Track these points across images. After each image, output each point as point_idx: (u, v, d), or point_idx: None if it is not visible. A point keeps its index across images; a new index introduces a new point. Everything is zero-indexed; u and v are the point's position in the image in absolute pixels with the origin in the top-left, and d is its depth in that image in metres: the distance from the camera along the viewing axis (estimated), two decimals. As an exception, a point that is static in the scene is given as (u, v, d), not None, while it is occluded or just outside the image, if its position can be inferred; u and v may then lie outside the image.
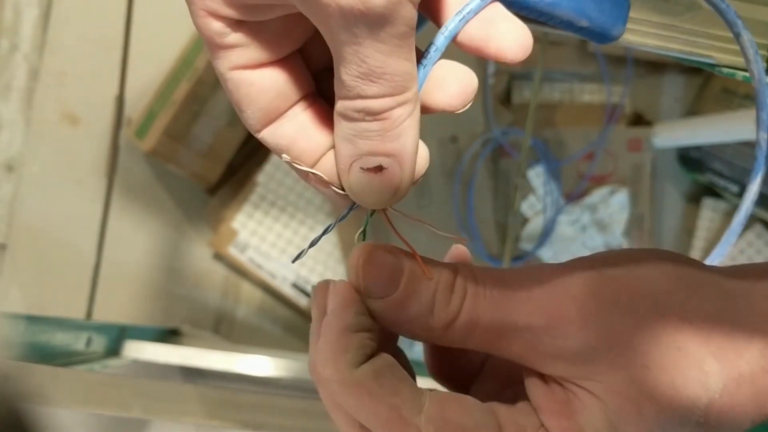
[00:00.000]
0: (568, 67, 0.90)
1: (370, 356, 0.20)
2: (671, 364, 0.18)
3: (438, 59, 0.21)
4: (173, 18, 0.88)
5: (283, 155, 0.21)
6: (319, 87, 0.23)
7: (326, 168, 0.21)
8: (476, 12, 0.21)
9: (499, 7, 0.21)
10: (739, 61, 0.27)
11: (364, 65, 0.18)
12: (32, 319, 0.51)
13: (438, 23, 0.22)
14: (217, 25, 0.19)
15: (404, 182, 0.20)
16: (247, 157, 0.89)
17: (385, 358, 0.21)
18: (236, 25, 0.20)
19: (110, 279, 0.87)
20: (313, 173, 0.21)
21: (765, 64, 0.27)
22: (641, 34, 0.26)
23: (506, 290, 0.20)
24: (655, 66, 0.92)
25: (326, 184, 0.22)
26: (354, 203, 0.21)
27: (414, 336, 0.21)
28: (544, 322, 0.19)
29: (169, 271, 0.89)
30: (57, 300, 0.87)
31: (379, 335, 0.21)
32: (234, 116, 0.84)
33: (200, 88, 0.81)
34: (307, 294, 0.85)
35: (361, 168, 0.20)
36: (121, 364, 0.63)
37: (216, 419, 0.44)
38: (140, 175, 0.89)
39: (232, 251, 0.85)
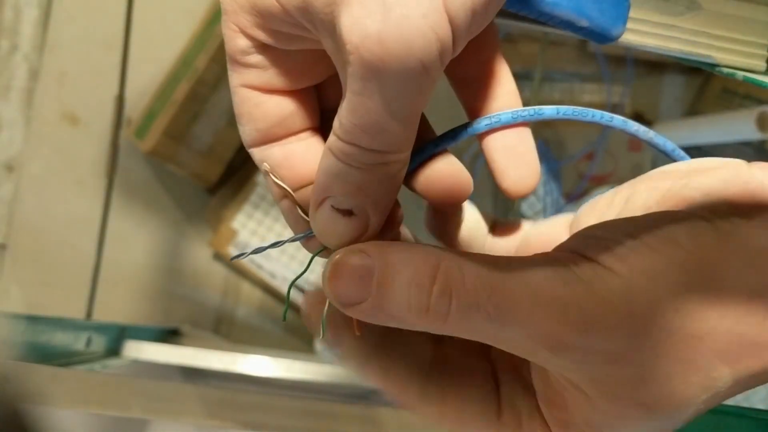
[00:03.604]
0: (568, 67, 0.90)
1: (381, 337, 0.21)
2: (671, 375, 0.18)
3: (448, 147, 0.22)
4: (173, 18, 0.88)
5: (264, 164, 0.22)
6: (324, 124, 0.23)
7: (299, 198, 0.22)
8: (503, 125, 0.22)
9: (526, 137, 0.23)
10: (739, 61, 0.27)
11: (368, 117, 0.18)
12: (32, 319, 0.51)
13: (467, 109, 0.23)
14: (243, 43, 0.20)
15: (369, 233, 0.20)
16: (247, 157, 0.89)
17: (391, 354, 0.21)
18: (261, 47, 0.20)
19: (110, 279, 0.87)
20: (288, 191, 0.22)
21: (765, 64, 0.27)
22: (641, 34, 0.26)
23: (501, 306, 0.18)
24: (655, 66, 0.92)
25: (294, 206, 0.22)
26: (310, 230, 0.21)
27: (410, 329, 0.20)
28: (543, 342, 0.18)
29: (169, 271, 0.89)
30: (57, 300, 0.87)
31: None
32: (234, 116, 0.84)
33: (200, 88, 0.81)
34: (307, 294, 0.85)
35: (332, 206, 0.20)
36: (121, 364, 0.63)
37: (216, 419, 0.44)
38: (140, 175, 0.89)
39: (232, 251, 0.85)
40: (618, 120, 0.24)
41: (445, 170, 0.22)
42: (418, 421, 0.46)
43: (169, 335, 0.80)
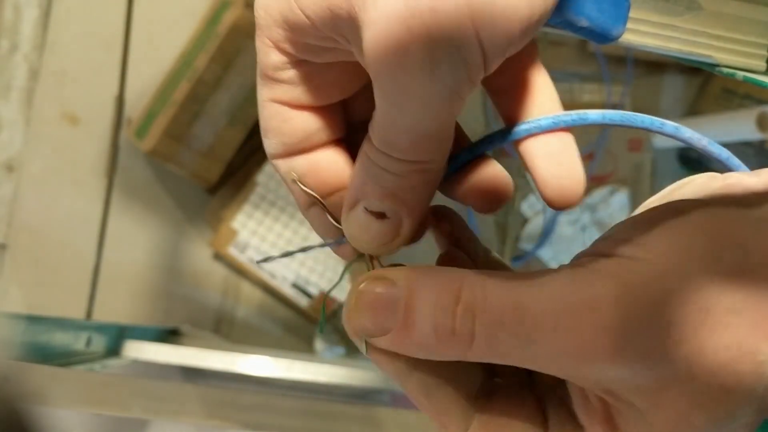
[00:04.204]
0: (568, 67, 0.90)
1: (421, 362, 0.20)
2: (720, 366, 0.17)
3: (485, 152, 0.22)
4: (173, 18, 0.88)
5: (292, 173, 0.22)
6: (352, 135, 0.23)
7: (327, 205, 0.22)
8: (543, 130, 0.21)
9: (570, 143, 0.21)
10: (739, 61, 0.27)
11: (398, 134, 0.18)
12: (32, 319, 0.51)
13: (504, 117, 0.22)
14: (276, 59, 0.20)
15: (400, 237, 0.20)
16: (247, 157, 0.89)
17: (436, 373, 0.20)
18: (294, 63, 0.20)
19: (110, 279, 0.87)
20: (317, 198, 0.22)
21: (765, 64, 0.27)
22: (641, 34, 0.26)
23: (525, 320, 0.17)
24: (655, 66, 0.92)
25: (323, 214, 0.22)
26: (342, 236, 0.21)
27: (440, 359, 0.19)
28: (576, 355, 0.17)
29: (169, 271, 0.89)
30: (57, 300, 0.87)
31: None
32: (234, 116, 0.84)
33: (200, 88, 0.81)
34: (306, 294, 0.85)
35: (365, 208, 0.20)
36: (121, 364, 0.63)
37: (216, 419, 0.44)
38: (140, 175, 0.89)
39: (232, 251, 0.85)
40: (669, 126, 0.22)
41: (485, 173, 0.21)
42: (417, 422, 0.46)
43: (169, 335, 0.80)
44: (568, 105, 0.21)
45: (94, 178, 0.88)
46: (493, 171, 0.22)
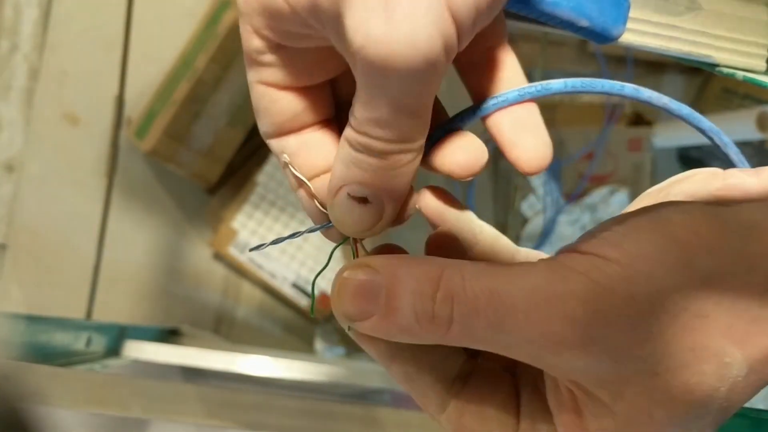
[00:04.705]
0: (568, 67, 0.90)
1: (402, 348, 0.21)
2: (683, 366, 0.17)
3: (458, 129, 0.22)
4: (173, 18, 0.88)
5: (284, 155, 0.22)
6: (338, 114, 0.23)
7: (315, 187, 0.23)
8: (511, 103, 0.22)
9: (534, 111, 0.22)
10: (739, 61, 0.27)
11: (378, 112, 0.18)
12: (32, 319, 0.51)
13: (473, 94, 0.23)
14: (258, 44, 0.20)
15: (384, 220, 0.21)
16: (247, 157, 0.89)
17: (415, 361, 0.21)
18: (275, 47, 0.20)
19: (110, 279, 0.87)
20: (304, 182, 0.22)
21: (765, 64, 0.27)
22: (641, 34, 0.26)
23: (499, 308, 0.18)
24: (655, 66, 0.92)
25: (311, 197, 0.23)
26: (329, 222, 0.22)
27: (420, 342, 0.20)
28: (545, 344, 0.18)
29: (169, 271, 0.89)
30: (57, 300, 0.87)
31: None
32: (234, 116, 0.84)
33: (200, 88, 0.81)
34: (307, 294, 0.85)
35: (348, 194, 0.20)
36: (121, 364, 0.63)
37: (216, 419, 0.44)
38: (140, 175, 0.89)
39: (232, 251, 0.85)
40: (629, 88, 0.23)
41: (458, 142, 0.22)
42: (417, 422, 0.46)
43: (169, 335, 0.80)
44: (567, 105, 0.21)
45: (94, 178, 0.88)
46: (465, 139, 0.22)
